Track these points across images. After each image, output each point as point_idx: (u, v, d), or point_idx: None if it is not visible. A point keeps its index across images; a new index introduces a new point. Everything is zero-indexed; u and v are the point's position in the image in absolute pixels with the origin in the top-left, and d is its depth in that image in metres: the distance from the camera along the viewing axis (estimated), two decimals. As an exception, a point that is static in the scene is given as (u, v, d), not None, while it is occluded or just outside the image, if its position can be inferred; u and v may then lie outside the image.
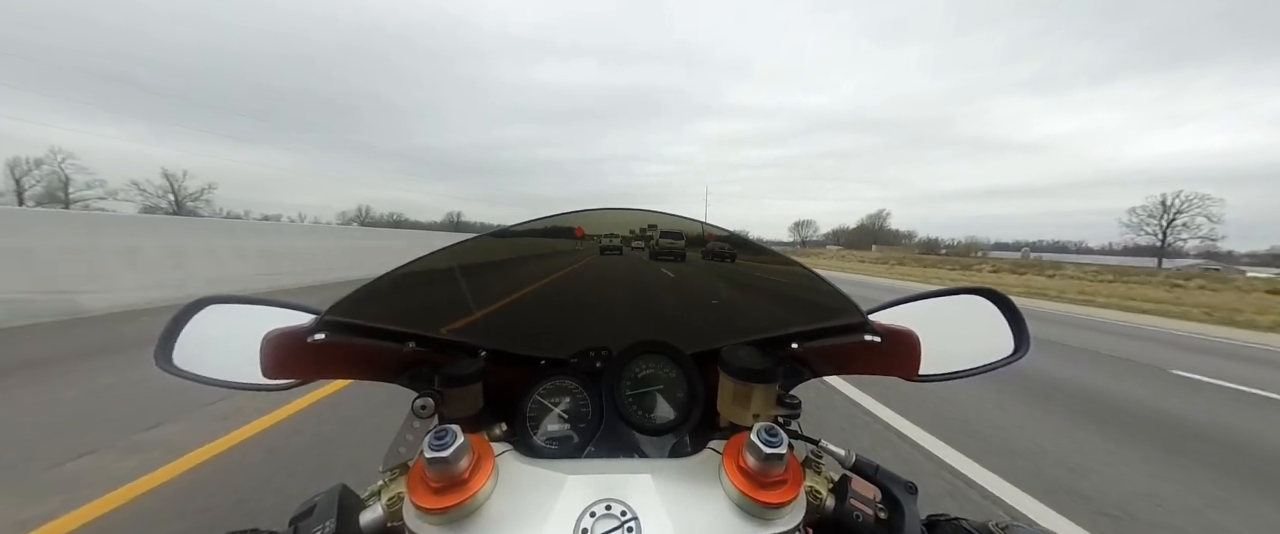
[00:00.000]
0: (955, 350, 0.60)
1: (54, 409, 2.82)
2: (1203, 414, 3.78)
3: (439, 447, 0.39)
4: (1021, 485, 2.36)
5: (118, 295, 5.93)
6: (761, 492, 0.41)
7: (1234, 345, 7.82)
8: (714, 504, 0.42)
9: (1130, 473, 2.61)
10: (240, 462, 2.29)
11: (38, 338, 4.46)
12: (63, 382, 3.26)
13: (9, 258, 5.07)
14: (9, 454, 2.26)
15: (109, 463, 2.22)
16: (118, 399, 3.00)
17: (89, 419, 2.70)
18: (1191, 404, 4.05)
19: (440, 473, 0.39)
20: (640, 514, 0.40)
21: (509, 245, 0.60)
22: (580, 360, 0.71)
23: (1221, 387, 4.76)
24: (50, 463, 2.19)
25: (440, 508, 0.39)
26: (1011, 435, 3.05)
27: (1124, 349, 6.65)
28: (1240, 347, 7.72)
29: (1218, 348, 7.43)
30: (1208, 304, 15.03)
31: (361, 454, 2.38)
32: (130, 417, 2.72)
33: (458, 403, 0.57)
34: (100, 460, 2.24)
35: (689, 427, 0.65)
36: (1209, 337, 8.78)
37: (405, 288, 0.55)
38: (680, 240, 0.70)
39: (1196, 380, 4.96)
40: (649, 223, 0.64)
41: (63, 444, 2.36)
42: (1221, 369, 5.58)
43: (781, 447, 0.41)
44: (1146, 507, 2.25)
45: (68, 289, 5.45)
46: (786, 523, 0.41)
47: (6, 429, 2.53)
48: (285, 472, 2.21)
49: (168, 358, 0.55)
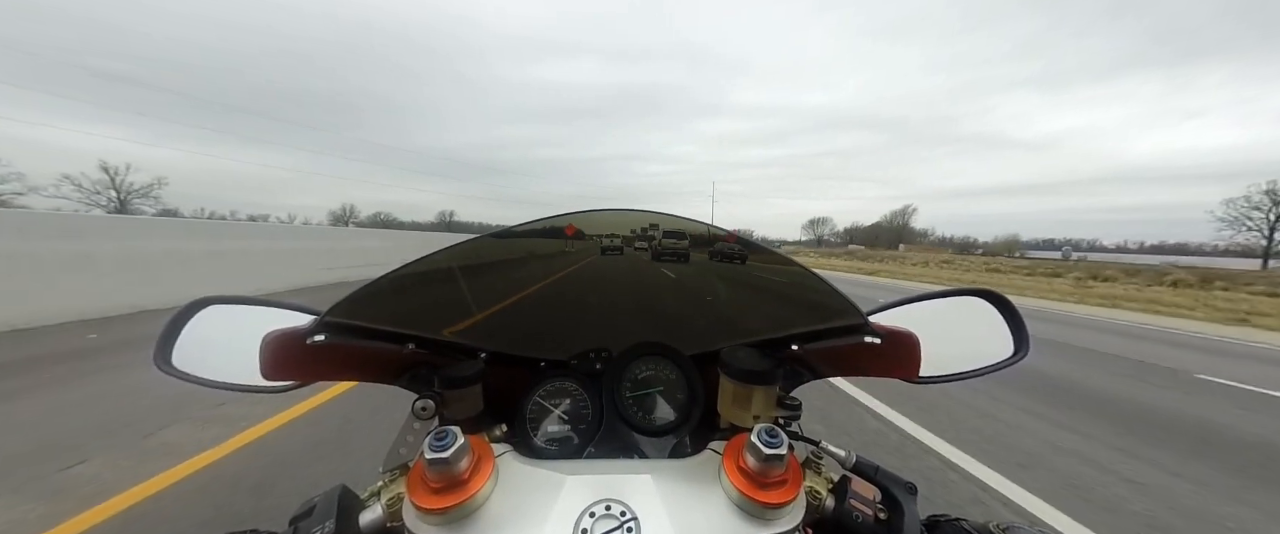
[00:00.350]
0: (956, 352, 0.60)
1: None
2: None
3: (439, 447, 0.39)
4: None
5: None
6: (761, 492, 0.41)
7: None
8: (714, 505, 0.42)
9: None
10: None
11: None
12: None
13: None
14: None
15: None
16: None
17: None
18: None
19: (440, 473, 0.39)
20: (640, 514, 0.40)
21: (508, 246, 0.59)
22: (580, 362, 0.71)
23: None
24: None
25: (440, 508, 0.39)
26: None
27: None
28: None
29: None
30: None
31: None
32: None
33: (458, 404, 0.57)
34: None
35: (689, 428, 0.65)
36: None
37: (405, 289, 0.55)
38: (684, 240, 0.69)
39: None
40: (650, 223, 0.64)
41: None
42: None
43: (781, 447, 0.41)
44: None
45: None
46: (786, 523, 0.41)
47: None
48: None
49: (167, 359, 0.55)
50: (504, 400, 0.64)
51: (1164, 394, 4.31)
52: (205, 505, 1.99)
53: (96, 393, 3.27)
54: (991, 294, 0.64)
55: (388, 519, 0.45)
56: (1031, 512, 2.18)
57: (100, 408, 3.01)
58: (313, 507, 0.45)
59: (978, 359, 0.60)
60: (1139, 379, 4.81)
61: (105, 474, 2.21)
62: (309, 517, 0.44)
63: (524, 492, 0.43)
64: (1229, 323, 10.52)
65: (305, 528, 0.43)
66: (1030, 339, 0.61)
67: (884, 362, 0.54)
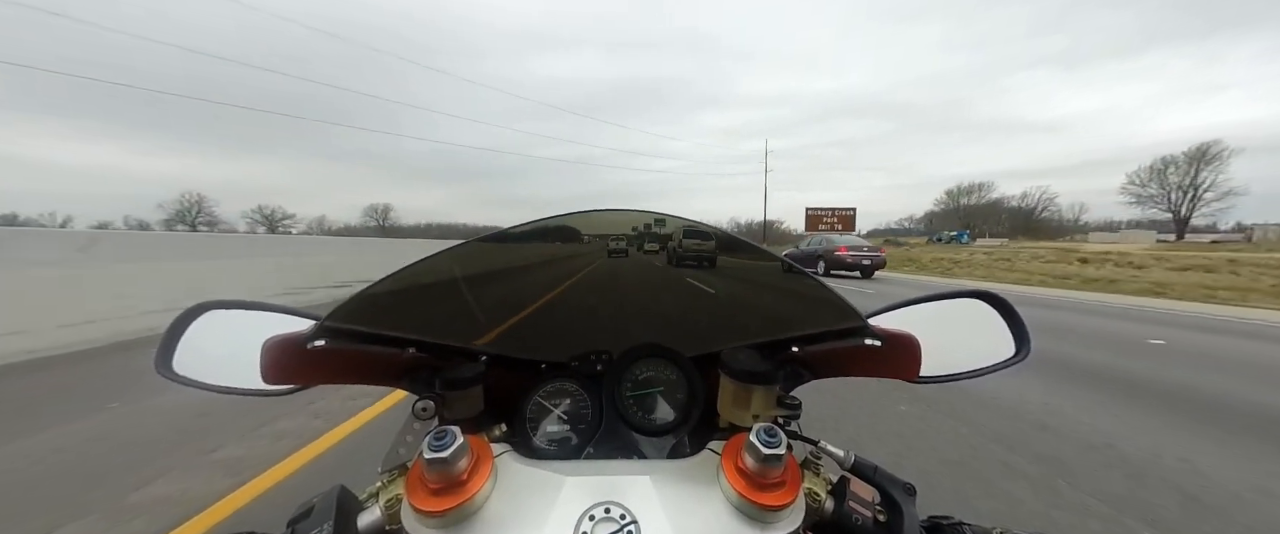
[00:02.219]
0: (956, 353, 0.60)
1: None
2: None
3: (438, 447, 0.39)
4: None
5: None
6: (760, 493, 0.41)
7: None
8: (713, 507, 0.42)
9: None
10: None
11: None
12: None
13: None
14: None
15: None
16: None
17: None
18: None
19: (439, 474, 0.39)
20: (640, 518, 0.40)
21: (508, 249, 0.59)
22: (581, 363, 0.71)
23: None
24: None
25: (438, 510, 0.39)
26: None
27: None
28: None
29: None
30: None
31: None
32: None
33: (458, 405, 0.57)
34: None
35: (688, 427, 0.65)
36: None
37: (406, 293, 0.55)
38: (709, 241, 0.63)
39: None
40: (653, 220, 0.63)
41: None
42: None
43: (780, 447, 0.41)
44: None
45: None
46: (786, 527, 0.41)
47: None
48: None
49: (167, 364, 0.55)
50: (504, 402, 0.64)
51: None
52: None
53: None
54: (991, 296, 0.64)
55: (386, 521, 0.45)
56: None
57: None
58: (311, 508, 0.45)
59: (978, 360, 0.60)
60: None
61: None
62: (307, 518, 0.44)
63: (523, 493, 0.43)
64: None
65: (303, 529, 0.42)
66: (1031, 340, 0.61)
67: (884, 363, 0.53)
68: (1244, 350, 5.65)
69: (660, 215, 0.61)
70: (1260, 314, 8.91)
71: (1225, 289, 12.56)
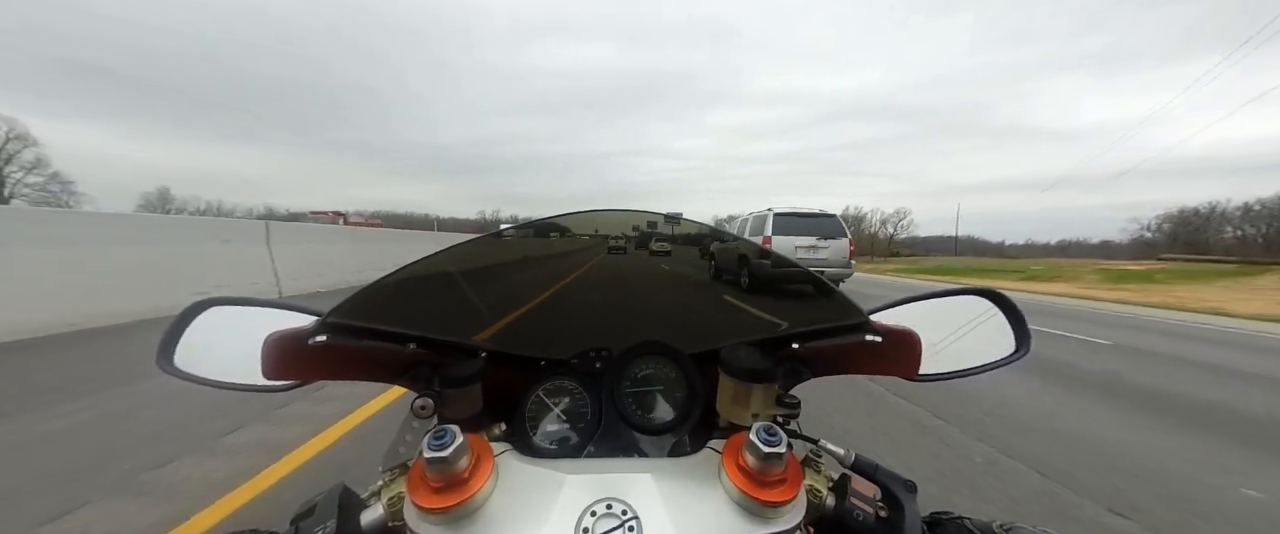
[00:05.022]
0: (956, 350, 0.60)
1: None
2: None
3: (438, 446, 0.39)
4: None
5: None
6: (761, 490, 0.41)
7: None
8: (714, 503, 0.42)
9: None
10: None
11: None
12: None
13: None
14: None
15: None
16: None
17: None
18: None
19: (440, 473, 0.39)
20: (641, 513, 0.40)
21: (508, 248, 0.59)
22: (580, 361, 0.71)
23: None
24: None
25: (441, 508, 0.39)
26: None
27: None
28: None
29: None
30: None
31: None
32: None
33: (457, 403, 0.57)
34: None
35: (688, 426, 0.65)
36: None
37: (407, 291, 0.55)
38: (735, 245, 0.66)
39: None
40: (648, 221, 0.63)
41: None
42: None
43: (780, 446, 0.41)
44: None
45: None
46: (787, 522, 0.41)
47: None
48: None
49: (169, 359, 0.56)
50: (503, 399, 0.64)
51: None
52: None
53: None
54: (993, 293, 0.64)
55: (389, 519, 0.45)
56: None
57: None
58: (313, 506, 0.45)
59: (978, 357, 0.60)
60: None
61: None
62: (310, 516, 0.44)
63: (525, 491, 0.43)
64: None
65: (307, 528, 0.43)
66: (1031, 338, 0.61)
67: (884, 360, 0.53)
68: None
69: (672, 214, 0.61)
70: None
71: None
